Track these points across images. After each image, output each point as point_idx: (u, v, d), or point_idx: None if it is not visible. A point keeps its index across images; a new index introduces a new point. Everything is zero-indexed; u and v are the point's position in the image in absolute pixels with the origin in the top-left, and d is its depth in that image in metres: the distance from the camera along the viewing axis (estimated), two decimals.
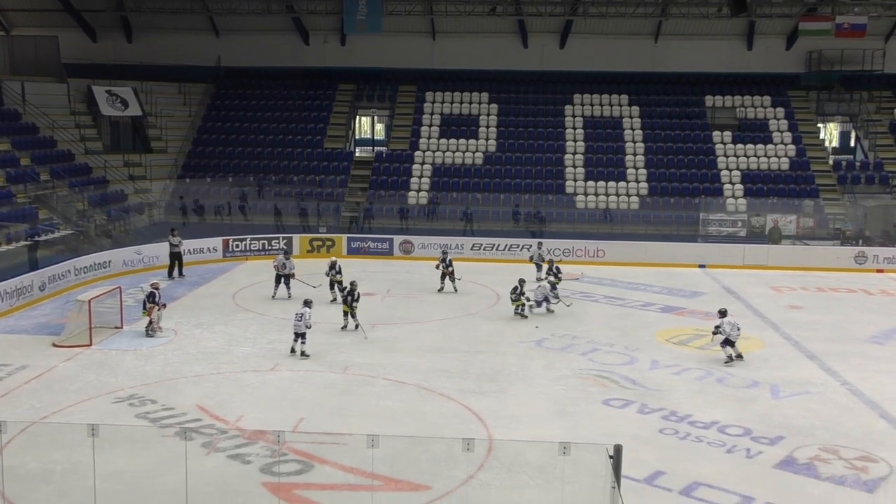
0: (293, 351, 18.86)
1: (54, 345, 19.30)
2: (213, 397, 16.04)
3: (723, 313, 19.19)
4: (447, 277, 26.17)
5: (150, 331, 20.21)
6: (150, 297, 20.28)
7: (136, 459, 12.78)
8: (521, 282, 23.19)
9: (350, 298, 21.03)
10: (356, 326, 20.85)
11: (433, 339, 20.67)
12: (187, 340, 19.96)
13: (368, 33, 39.28)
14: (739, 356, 18.90)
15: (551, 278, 24.70)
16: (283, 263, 25.05)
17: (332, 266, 24.59)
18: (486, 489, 12.22)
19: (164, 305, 20.99)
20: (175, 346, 19.47)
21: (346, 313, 21.17)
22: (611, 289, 27.15)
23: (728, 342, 18.81)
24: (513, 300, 22.99)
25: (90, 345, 19.26)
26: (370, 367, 18.10)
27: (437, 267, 26.66)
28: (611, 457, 9.87)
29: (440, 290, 26.09)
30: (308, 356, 18.67)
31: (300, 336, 18.75)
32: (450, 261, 26.39)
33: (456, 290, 26.04)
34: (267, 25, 41.47)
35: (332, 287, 24.49)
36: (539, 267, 28.00)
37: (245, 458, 13.08)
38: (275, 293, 24.86)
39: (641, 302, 25.28)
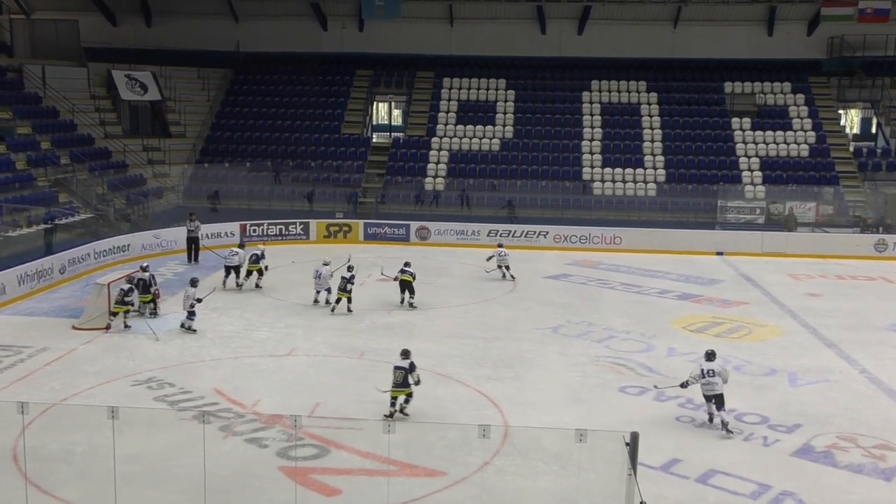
0: (183, 326, 19.40)
1: (74, 327, 19.49)
2: (230, 381, 16.15)
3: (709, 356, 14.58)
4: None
5: (157, 311, 20.75)
6: (153, 280, 20.93)
7: (155, 442, 12.91)
8: (351, 269, 21.68)
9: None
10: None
11: (449, 324, 20.69)
12: (204, 325, 20.04)
13: (386, 19, 39.15)
14: (726, 428, 14.03)
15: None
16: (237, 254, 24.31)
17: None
18: (501, 475, 12.25)
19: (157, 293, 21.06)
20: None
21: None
22: (627, 276, 27.07)
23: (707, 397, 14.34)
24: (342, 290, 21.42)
25: (109, 327, 19.42)
26: (386, 353, 18.09)
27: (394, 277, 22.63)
28: (627, 444, 9.86)
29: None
30: (194, 331, 19.22)
31: (190, 314, 19.29)
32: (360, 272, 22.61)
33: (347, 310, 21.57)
34: (285, 11, 41.43)
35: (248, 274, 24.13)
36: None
37: (262, 442, 13.18)
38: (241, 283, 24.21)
39: (658, 289, 25.20)
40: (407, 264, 22.79)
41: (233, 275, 24.19)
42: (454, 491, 11.80)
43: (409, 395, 14.38)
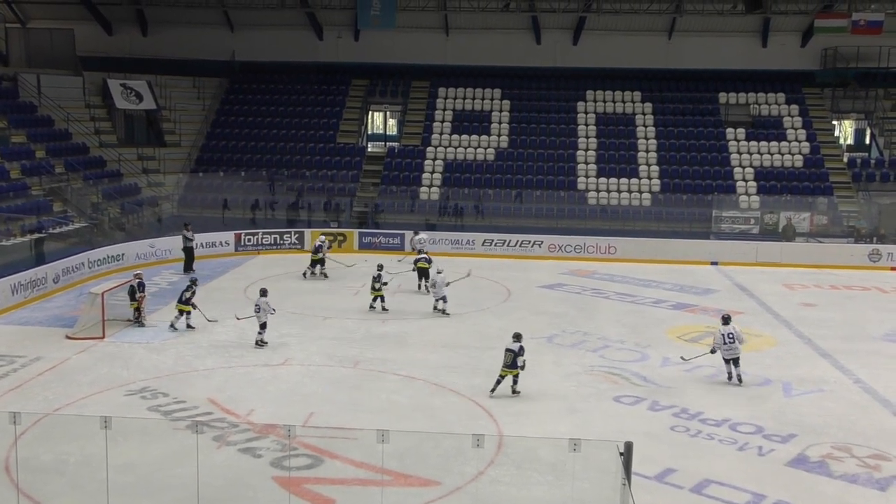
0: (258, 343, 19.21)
1: (68, 337, 19.44)
2: (224, 391, 16.11)
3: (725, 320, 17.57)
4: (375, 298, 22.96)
5: (143, 320, 20.68)
6: (140, 287, 20.87)
7: (148, 452, 12.86)
8: (380, 268, 23.27)
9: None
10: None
11: (444, 334, 20.68)
12: (199, 334, 20.04)
13: (382, 29, 39.25)
14: (739, 379, 17.17)
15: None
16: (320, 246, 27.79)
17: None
18: (495, 485, 12.23)
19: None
20: (187, 340, 19.56)
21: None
22: (622, 285, 27.09)
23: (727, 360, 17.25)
24: (374, 289, 22.80)
25: (103, 337, 19.38)
26: (381, 363, 18.14)
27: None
28: (621, 454, 9.86)
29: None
30: (266, 343, 19.13)
31: (262, 326, 19.18)
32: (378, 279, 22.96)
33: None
34: (281, 20, 41.50)
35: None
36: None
37: (256, 452, 13.14)
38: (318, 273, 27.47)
39: (653, 299, 25.22)
40: (421, 251, 25.86)
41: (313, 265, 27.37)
42: (448, 501, 11.77)
43: (516, 376, 15.99)
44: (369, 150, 40.98)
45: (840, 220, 34.26)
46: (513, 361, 15.91)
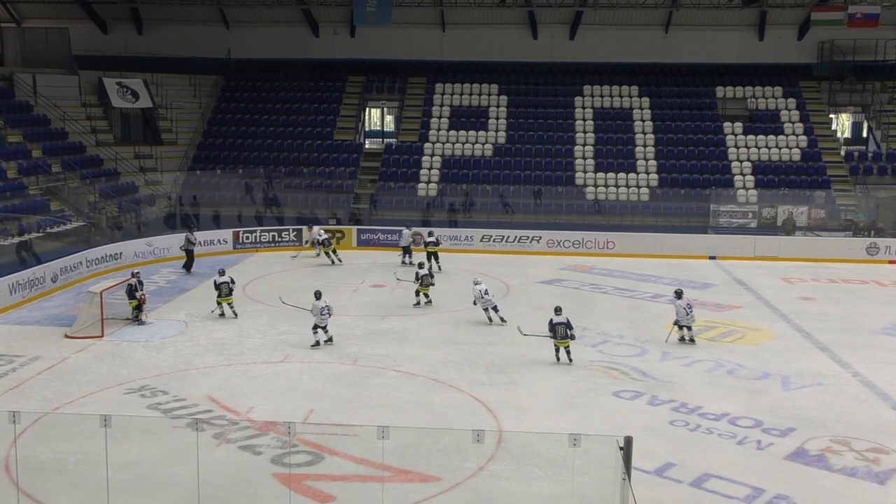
0: (318, 343, 18.87)
1: (66, 336, 19.44)
2: (223, 388, 16.11)
3: (678, 294, 19.88)
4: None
5: (143, 318, 20.77)
6: (141, 285, 21.09)
7: (148, 450, 12.87)
8: (421, 265, 24.00)
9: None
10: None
11: (443, 330, 20.68)
12: (198, 332, 20.05)
13: (378, 25, 39.21)
14: (692, 340, 19.66)
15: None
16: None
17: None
18: (496, 480, 12.25)
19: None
20: (186, 338, 19.56)
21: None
22: (621, 280, 27.11)
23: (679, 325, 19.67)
24: (425, 285, 23.19)
25: (102, 336, 19.38)
26: (380, 359, 18.15)
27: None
28: (621, 448, 9.88)
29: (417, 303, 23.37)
30: (330, 342, 19.17)
31: (323, 328, 19.06)
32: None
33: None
34: (277, 17, 41.48)
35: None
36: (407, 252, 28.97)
37: (256, 450, 13.15)
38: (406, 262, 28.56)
39: (651, 293, 25.22)
40: (430, 234, 27.94)
41: (406, 255, 28.67)
42: (449, 496, 11.79)
43: (568, 346, 17.85)
44: (367, 146, 40.96)
45: (838, 214, 34.27)
46: (566, 332, 17.75)
